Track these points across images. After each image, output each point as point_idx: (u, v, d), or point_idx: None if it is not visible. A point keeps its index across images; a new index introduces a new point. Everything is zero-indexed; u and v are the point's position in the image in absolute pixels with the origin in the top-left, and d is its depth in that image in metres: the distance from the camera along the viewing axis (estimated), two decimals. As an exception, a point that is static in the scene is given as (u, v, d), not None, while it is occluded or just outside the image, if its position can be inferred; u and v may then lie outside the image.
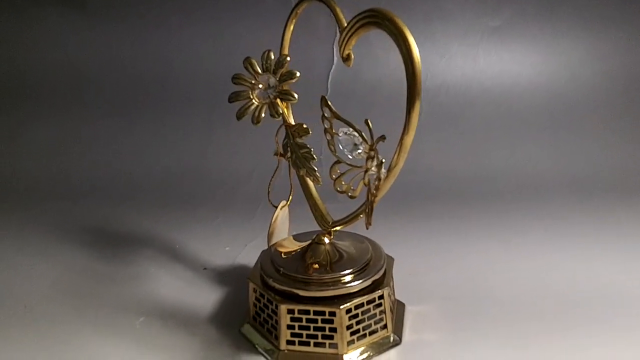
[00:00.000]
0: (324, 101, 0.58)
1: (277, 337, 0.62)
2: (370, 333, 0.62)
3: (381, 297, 0.62)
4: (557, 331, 0.65)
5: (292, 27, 0.63)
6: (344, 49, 0.58)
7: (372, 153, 0.54)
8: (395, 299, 0.69)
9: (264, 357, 0.62)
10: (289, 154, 0.61)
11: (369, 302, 0.61)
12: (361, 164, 0.56)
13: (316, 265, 0.63)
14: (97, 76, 1.28)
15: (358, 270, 0.62)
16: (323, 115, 0.59)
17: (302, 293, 0.60)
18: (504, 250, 0.85)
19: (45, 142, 1.24)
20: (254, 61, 0.59)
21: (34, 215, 1.02)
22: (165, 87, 1.25)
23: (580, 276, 0.77)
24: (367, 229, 0.57)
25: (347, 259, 0.64)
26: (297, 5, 0.62)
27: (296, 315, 0.60)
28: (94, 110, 1.27)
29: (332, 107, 0.58)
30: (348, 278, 0.61)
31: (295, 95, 0.57)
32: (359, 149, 0.56)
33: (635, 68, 1.21)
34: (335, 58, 1.20)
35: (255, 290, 0.65)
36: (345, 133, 0.57)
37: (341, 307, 0.59)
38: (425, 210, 0.99)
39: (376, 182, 0.53)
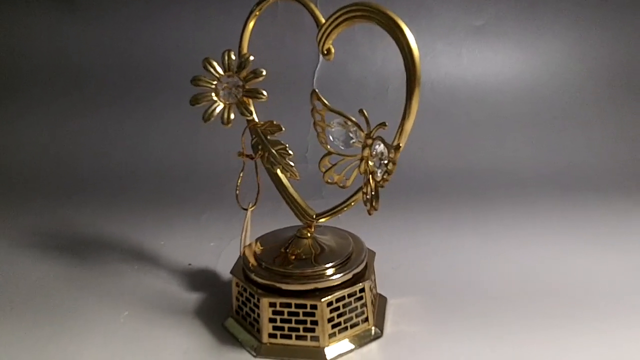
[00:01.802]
0: (315, 94, 0.59)
1: (259, 331, 0.62)
2: (352, 326, 0.63)
3: (362, 290, 0.63)
4: (537, 323, 0.66)
5: (251, 26, 0.62)
6: (324, 43, 0.59)
7: (369, 141, 0.56)
8: (377, 292, 0.70)
9: (247, 350, 0.62)
10: (259, 153, 0.61)
11: (350, 295, 0.62)
12: (354, 153, 0.57)
13: (293, 257, 0.63)
14: (82, 70, 1.28)
15: (340, 264, 0.63)
16: (313, 108, 0.59)
17: (283, 286, 0.61)
18: (487, 245, 0.86)
19: (31, 137, 1.24)
20: (214, 62, 0.57)
21: (19, 212, 1.02)
22: (152, 81, 1.26)
23: (561, 269, 0.78)
24: (371, 214, 0.56)
25: (328, 252, 0.65)
26: (258, 4, 0.61)
27: (278, 308, 0.61)
28: (79, 106, 1.27)
29: (324, 99, 0.59)
30: (330, 271, 0.62)
31: (265, 93, 0.57)
32: (353, 139, 0.57)
33: (617, 66, 1.23)
34: (321, 55, 1.20)
35: (237, 284, 0.66)
36: (340, 124, 0.58)
37: (322, 300, 0.60)
38: (408, 205, 1.00)
39: (387, 167, 0.53)
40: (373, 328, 0.64)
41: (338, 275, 0.62)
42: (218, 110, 0.57)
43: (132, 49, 1.27)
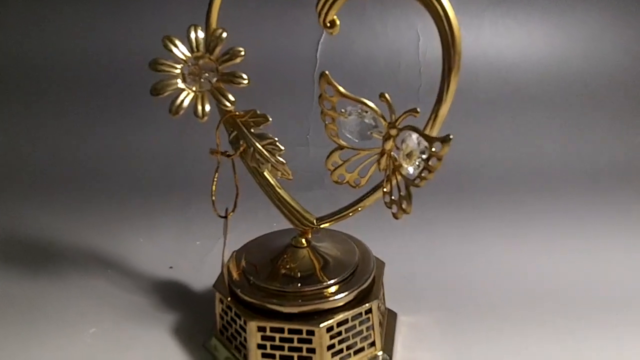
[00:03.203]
0: (324, 78, 0.48)
1: (246, 357, 0.53)
2: (356, 352, 0.53)
3: (369, 310, 0.53)
4: (566, 338, 0.58)
5: None
6: (327, 13, 0.47)
7: (394, 132, 0.46)
8: (385, 308, 0.60)
9: (231, 379, 0.53)
10: (240, 150, 0.50)
11: (354, 318, 0.52)
12: (370, 147, 0.49)
13: (287, 271, 0.53)
14: (67, 65, 1.16)
15: (343, 280, 0.53)
16: (322, 94, 0.49)
17: (277, 308, 0.51)
18: (509, 249, 0.75)
19: (8, 133, 1.12)
20: (176, 40, 0.46)
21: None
22: (137, 70, 1.14)
23: (594, 278, 0.69)
24: (399, 218, 0.47)
25: (330, 265, 0.55)
26: None
27: (268, 333, 0.51)
28: (63, 97, 1.14)
29: (337, 84, 0.48)
30: (332, 289, 0.52)
31: (245, 77, 0.46)
32: (371, 130, 0.48)
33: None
34: (320, 47, 1.09)
35: (221, 301, 0.56)
36: (355, 112, 0.49)
37: (321, 325, 0.50)
38: (419, 202, 0.88)
39: (428, 163, 0.43)
40: (380, 354, 0.55)
41: (342, 295, 0.52)
42: (188, 100, 0.46)
43: (107, 42, 1.16)
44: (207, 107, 0.46)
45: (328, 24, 0.48)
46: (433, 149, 0.43)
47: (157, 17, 1.15)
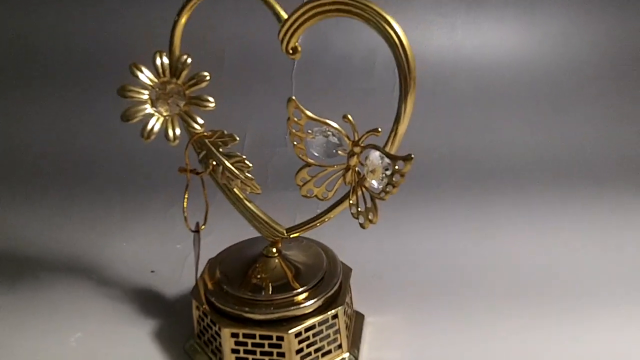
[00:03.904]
0: (292, 103, 0.51)
1: (222, 360, 0.56)
2: (323, 354, 0.57)
3: (335, 316, 0.57)
4: (535, 334, 0.62)
5: (183, 22, 0.53)
6: (289, 41, 0.50)
7: (357, 149, 0.50)
8: (353, 311, 0.64)
9: (208, 381, 0.56)
10: (210, 169, 0.53)
11: (321, 323, 0.56)
12: (336, 163, 0.52)
13: (259, 280, 0.57)
14: (49, 51, 1.17)
15: (311, 287, 0.56)
16: (290, 118, 0.52)
17: (248, 316, 0.55)
18: (480, 244, 0.79)
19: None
20: (142, 67, 0.48)
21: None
22: (119, 62, 1.15)
23: (568, 266, 0.74)
24: (366, 228, 0.51)
25: (299, 274, 0.58)
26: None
27: (241, 339, 0.55)
28: (42, 86, 1.16)
29: (304, 109, 0.51)
30: (301, 297, 0.56)
31: (212, 100, 0.49)
32: (336, 148, 0.51)
33: (623, 40, 1.13)
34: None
35: (198, 308, 0.59)
36: (321, 133, 0.52)
37: (290, 331, 0.54)
38: (385, 203, 0.92)
39: (392, 179, 0.47)
40: (347, 356, 0.58)
41: (310, 302, 0.55)
42: (158, 125, 0.49)
43: (89, 37, 1.16)
44: (178, 131, 0.49)
45: (290, 51, 0.51)
46: (396, 167, 0.47)
47: (146, 10, 1.16)
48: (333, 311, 0.56)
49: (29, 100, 1.15)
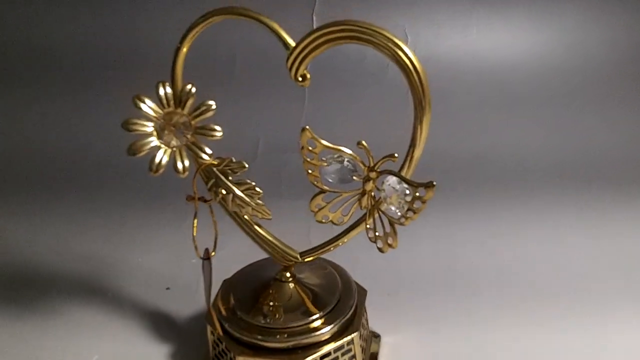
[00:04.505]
0: (306, 132, 0.50)
1: (237, 387, 0.56)
2: (340, 379, 0.57)
3: (351, 342, 0.56)
4: (560, 345, 0.62)
5: (185, 50, 0.51)
6: (298, 69, 0.49)
7: (373, 175, 0.49)
8: (368, 332, 0.63)
9: (224, 407, 0.56)
10: (219, 197, 0.52)
11: (336, 350, 0.55)
12: (351, 188, 0.52)
13: (273, 307, 0.56)
14: (55, 52, 1.17)
15: (327, 314, 0.56)
16: (304, 147, 0.51)
17: (262, 344, 0.54)
18: (496, 255, 0.78)
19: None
20: (145, 99, 0.47)
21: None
22: (122, 63, 1.14)
23: (593, 278, 0.72)
24: (385, 252, 0.51)
25: (314, 299, 0.58)
26: (192, 27, 0.50)
27: (256, 367, 0.55)
28: (48, 87, 1.16)
29: (319, 138, 0.51)
30: (316, 324, 0.55)
31: (219, 129, 0.48)
32: (351, 174, 0.51)
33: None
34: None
35: (212, 333, 0.59)
36: (335, 160, 0.52)
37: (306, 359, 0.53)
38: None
39: (412, 205, 0.47)
40: (364, 380, 0.58)
41: (325, 330, 0.55)
42: (167, 157, 0.48)
43: (106, 29, 1.15)
44: (187, 162, 0.49)
45: (300, 79, 0.49)
46: (417, 194, 0.46)
47: (147, 8, 1.15)
48: (349, 337, 0.56)
49: (39, 103, 1.15)
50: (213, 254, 0.56)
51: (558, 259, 0.77)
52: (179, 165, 0.48)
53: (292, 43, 0.47)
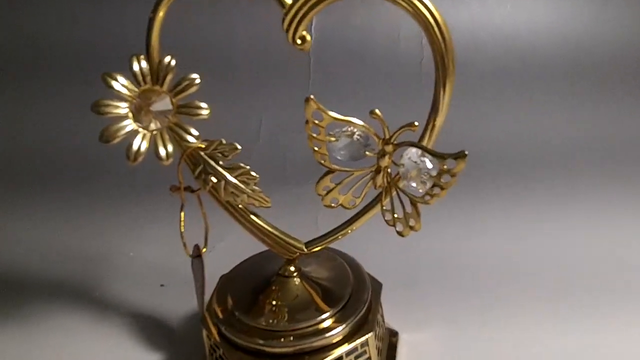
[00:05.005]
0: (310, 102, 0.43)
1: (237, 395, 0.50)
2: (354, 384, 0.50)
3: (365, 344, 0.49)
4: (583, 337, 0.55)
5: (161, 16, 0.42)
6: (296, 30, 0.41)
7: (389, 148, 0.43)
8: (385, 330, 0.56)
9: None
10: (210, 186, 0.45)
11: (349, 353, 0.49)
12: (364, 166, 0.45)
13: (277, 306, 0.49)
14: (55, 52, 1.10)
15: (338, 312, 0.49)
16: (309, 121, 0.44)
17: (265, 349, 0.48)
18: (520, 243, 0.71)
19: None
20: (118, 76, 0.40)
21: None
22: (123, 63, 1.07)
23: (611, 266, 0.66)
24: (406, 235, 0.45)
25: (324, 294, 0.51)
26: None
27: (258, 375, 0.48)
28: (48, 82, 1.09)
29: (326, 109, 0.43)
30: (325, 324, 0.48)
31: (205, 106, 0.40)
32: (364, 149, 0.45)
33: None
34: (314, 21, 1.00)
35: (209, 337, 0.52)
36: (345, 134, 0.45)
37: (314, 366, 0.47)
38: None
39: (440, 180, 0.41)
40: (380, 383, 0.51)
41: (336, 331, 0.48)
42: (145, 143, 0.41)
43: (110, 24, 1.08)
44: (170, 148, 0.41)
45: (298, 41, 0.42)
46: (445, 166, 0.40)
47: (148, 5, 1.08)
48: (363, 338, 0.49)
49: (29, 98, 1.08)
50: (204, 250, 0.49)
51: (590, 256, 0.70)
52: (161, 151, 0.41)
53: (289, 1, 0.40)
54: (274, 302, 0.50)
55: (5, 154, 1.00)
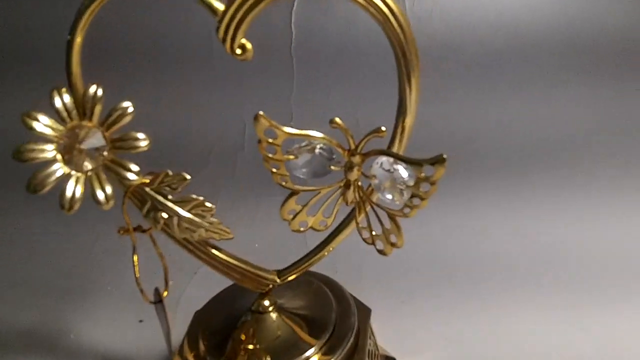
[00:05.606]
0: (262, 121, 0.38)
1: None
2: None
3: (354, 380, 0.44)
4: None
5: (79, 41, 0.36)
6: (234, 38, 0.36)
7: (357, 159, 0.39)
8: (380, 357, 0.51)
9: None
10: (161, 224, 0.40)
11: (337, 392, 0.43)
12: (330, 182, 0.41)
13: (254, 348, 0.44)
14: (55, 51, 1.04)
15: (321, 347, 0.44)
16: (262, 140, 0.38)
17: (242, 397, 0.42)
18: (520, 242, 0.67)
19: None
20: (38, 115, 0.34)
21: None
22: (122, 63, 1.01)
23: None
24: (388, 254, 0.41)
25: (307, 325, 0.46)
26: (82, 11, 0.36)
27: None
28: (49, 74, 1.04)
29: (277, 124, 0.38)
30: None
31: (143, 137, 0.35)
32: (329, 163, 0.40)
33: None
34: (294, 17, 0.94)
35: (185, 385, 0.47)
36: (304, 149, 0.40)
37: (297, 413, 0.41)
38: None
39: (421, 189, 0.36)
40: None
41: (321, 368, 0.43)
42: (80, 187, 0.35)
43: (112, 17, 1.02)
44: (109, 189, 0.36)
45: (238, 51, 0.36)
46: (423, 174, 0.35)
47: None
48: (351, 375, 0.44)
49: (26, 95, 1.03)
50: (165, 294, 0.44)
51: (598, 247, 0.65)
52: (99, 195, 0.36)
53: (221, 6, 0.34)
54: (250, 347, 0.45)
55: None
